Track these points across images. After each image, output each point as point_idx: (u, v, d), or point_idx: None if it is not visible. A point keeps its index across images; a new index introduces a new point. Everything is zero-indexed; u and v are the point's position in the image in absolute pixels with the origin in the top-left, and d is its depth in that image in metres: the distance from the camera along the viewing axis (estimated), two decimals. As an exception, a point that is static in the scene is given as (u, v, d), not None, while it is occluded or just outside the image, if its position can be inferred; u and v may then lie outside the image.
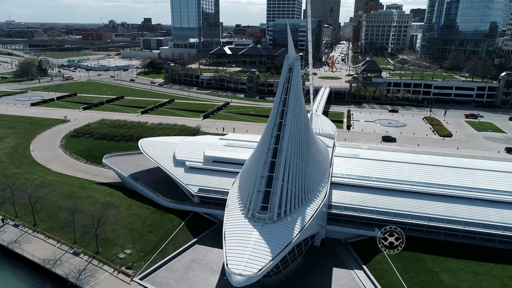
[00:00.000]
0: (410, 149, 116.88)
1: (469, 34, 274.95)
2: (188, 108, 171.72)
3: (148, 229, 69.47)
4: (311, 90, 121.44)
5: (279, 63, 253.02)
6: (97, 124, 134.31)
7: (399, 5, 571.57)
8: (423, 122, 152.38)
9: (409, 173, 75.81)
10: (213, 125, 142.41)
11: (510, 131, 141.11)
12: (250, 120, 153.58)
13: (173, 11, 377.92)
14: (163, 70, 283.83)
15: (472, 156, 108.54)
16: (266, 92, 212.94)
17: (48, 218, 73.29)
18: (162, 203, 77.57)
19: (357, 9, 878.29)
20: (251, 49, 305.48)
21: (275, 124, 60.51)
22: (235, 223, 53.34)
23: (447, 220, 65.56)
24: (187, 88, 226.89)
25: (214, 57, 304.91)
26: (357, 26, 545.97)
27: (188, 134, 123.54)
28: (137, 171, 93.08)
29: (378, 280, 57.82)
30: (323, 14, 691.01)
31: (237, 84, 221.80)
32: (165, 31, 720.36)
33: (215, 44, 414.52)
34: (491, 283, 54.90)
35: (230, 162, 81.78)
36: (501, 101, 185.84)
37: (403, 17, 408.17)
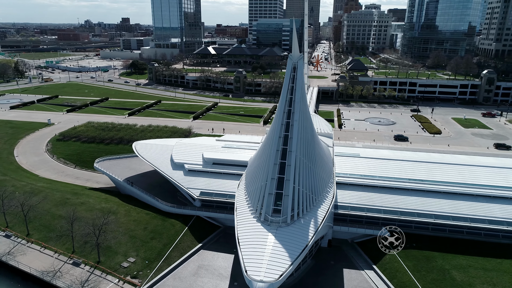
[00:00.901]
0: (404, 147, 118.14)
1: (449, 33, 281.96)
2: (177, 109, 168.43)
3: (150, 236, 66.91)
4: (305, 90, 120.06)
5: (265, 63, 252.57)
6: (83, 127, 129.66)
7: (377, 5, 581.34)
8: (411, 120, 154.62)
9: (411, 171, 76.08)
10: (204, 126, 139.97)
11: (496, 127, 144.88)
12: (241, 120, 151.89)
13: (154, 11, 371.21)
14: (146, 71, 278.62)
15: (463, 152, 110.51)
16: (253, 92, 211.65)
17: (42, 227, 69.57)
18: (163, 208, 75.03)
19: (336, 9, 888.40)
20: (236, 49, 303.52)
21: (282, 125, 59.17)
22: (248, 228, 51.77)
23: (453, 217, 66.00)
24: (172, 88, 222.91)
25: (198, 57, 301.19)
26: (337, 25, 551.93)
27: (180, 136, 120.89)
28: (131, 175, 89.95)
29: (390, 280, 57.47)
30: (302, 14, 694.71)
31: (224, 84, 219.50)
32: (144, 31, 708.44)
33: (197, 44, 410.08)
34: (501, 279, 55.41)
35: (231, 164, 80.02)
36: (483, 98, 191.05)
37: (383, 17, 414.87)
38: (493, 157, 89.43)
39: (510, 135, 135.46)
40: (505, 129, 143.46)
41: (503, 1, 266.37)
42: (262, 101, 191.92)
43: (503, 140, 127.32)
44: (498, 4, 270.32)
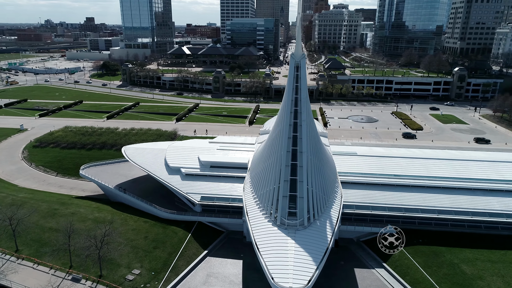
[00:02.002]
0: (391, 143, 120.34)
1: (418, 32, 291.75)
2: (157, 111, 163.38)
3: (152, 245, 63.67)
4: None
5: (243, 63, 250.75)
6: (61, 132, 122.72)
7: (345, 5, 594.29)
8: (392, 117, 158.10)
9: (410, 167, 77.16)
10: (189, 127, 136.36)
11: (471, 122, 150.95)
12: (225, 121, 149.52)
13: (123, 10, 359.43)
14: (119, 72, 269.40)
15: (448, 147, 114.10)
16: (233, 92, 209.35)
17: (33, 242, 64.52)
18: (162, 215, 71.77)
19: (305, 9, 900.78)
20: (211, 48, 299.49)
21: (290, 125, 57.91)
22: (265, 233, 50.12)
23: (455, 212, 67.37)
24: (149, 90, 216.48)
25: (173, 57, 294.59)
26: (308, 25, 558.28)
27: (166, 139, 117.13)
28: (122, 181, 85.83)
29: (402, 277, 57.69)
30: (273, 13, 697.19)
31: (202, 85, 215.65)
32: (110, 31, 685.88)
33: (169, 44, 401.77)
34: (508, 270, 56.96)
35: (229, 166, 77.95)
36: (455, 95, 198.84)
37: (353, 17, 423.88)
38: (483, 152, 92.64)
39: (485, 129, 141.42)
40: (480, 123, 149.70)
41: (466, 2, 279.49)
42: (243, 101, 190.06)
43: (481, 134, 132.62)
44: (461, 5, 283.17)
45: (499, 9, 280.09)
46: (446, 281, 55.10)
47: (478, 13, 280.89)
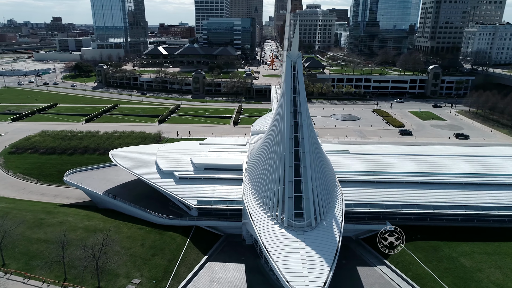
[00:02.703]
0: (376, 141, 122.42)
1: (392, 32, 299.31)
2: (138, 113, 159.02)
3: (151, 252, 61.39)
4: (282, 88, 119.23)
5: (222, 62, 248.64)
6: (38, 137, 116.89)
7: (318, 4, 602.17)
8: (374, 115, 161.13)
9: (403, 164, 78.28)
10: (173, 129, 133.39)
11: (449, 118, 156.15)
12: (209, 122, 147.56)
13: (94, 10, 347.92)
14: (92, 73, 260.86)
15: (430, 143, 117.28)
16: (213, 92, 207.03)
17: (21, 255, 60.67)
18: (157, 221, 69.40)
19: (278, 9, 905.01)
20: (188, 48, 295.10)
21: (291, 125, 57.29)
22: (273, 235, 49.23)
23: (449, 206, 69.01)
24: (126, 91, 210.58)
25: (149, 57, 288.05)
26: (283, 25, 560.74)
27: (151, 141, 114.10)
28: (110, 187, 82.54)
29: (405, 273, 58.36)
30: (247, 13, 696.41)
31: (182, 85, 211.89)
32: (79, 31, 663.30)
33: (143, 44, 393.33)
34: (504, 261, 58.81)
35: (224, 168, 76.45)
36: (430, 92, 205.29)
37: (327, 16, 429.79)
38: (469, 147, 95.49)
39: (462, 124, 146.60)
40: (457, 119, 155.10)
41: (435, 2, 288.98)
42: (225, 101, 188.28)
43: (458, 130, 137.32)
44: (431, 5, 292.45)
45: (465, 9, 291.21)
46: (448, 275, 56.19)
47: (447, 13, 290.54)
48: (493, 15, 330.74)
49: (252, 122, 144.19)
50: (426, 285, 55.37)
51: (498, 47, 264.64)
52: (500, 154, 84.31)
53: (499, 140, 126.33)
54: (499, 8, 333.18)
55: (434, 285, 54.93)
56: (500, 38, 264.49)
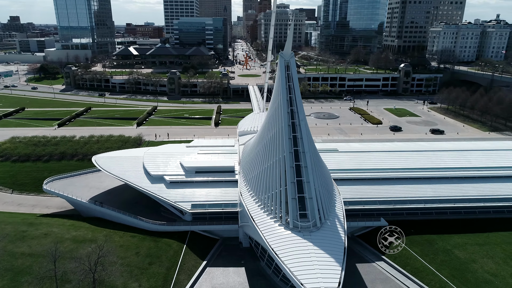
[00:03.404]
0: (358, 138, 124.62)
1: (362, 31, 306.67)
2: (113, 116, 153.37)
3: (147, 261, 59.02)
4: (265, 89, 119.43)
5: (196, 63, 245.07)
6: (9, 144, 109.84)
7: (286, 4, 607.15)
8: (351, 113, 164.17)
9: (391, 161, 79.89)
10: (152, 132, 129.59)
11: (422, 114, 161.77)
12: (189, 123, 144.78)
13: (58, 9, 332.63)
14: (59, 75, 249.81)
15: (409, 138, 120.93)
16: (189, 93, 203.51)
17: (5, 271, 56.30)
18: (151, 227, 66.94)
19: (246, 8, 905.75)
20: (160, 49, 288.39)
21: (289, 126, 56.88)
22: (279, 237, 48.53)
23: (438, 200, 71.18)
24: (97, 94, 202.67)
25: (119, 58, 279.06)
26: (253, 24, 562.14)
27: (132, 145, 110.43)
28: (95, 194, 78.93)
29: (403, 268, 59.50)
30: (216, 13, 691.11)
31: (156, 87, 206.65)
32: (39, 31, 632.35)
33: (110, 44, 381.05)
34: (495, 251, 61.30)
35: (215, 170, 75.03)
36: (402, 89, 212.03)
37: (297, 16, 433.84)
38: (449, 142, 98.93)
39: (436, 120, 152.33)
40: (430, 115, 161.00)
41: (401, 3, 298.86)
42: (202, 102, 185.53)
43: (433, 126, 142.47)
44: (397, 5, 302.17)
45: (428, 9, 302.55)
46: (445, 267, 57.80)
47: (412, 13, 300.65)
48: (454, 15, 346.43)
49: (233, 123, 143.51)
50: (425, 278, 56.71)
51: (461, 46, 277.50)
52: (479, 148, 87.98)
53: (471, 134, 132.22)
54: (460, 9, 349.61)
55: (433, 278, 56.35)
56: (462, 37, 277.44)
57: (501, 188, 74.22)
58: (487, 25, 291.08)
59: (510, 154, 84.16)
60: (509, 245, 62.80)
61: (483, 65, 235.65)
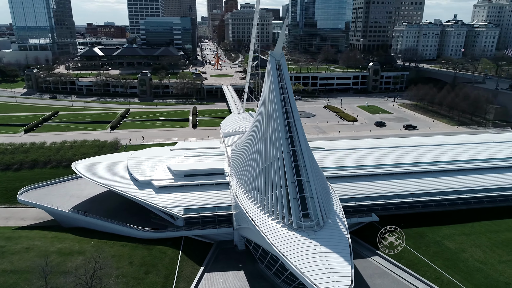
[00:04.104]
0: (337, 136, 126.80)
1: (329, 31, 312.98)
2: (83, 120, 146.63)
3: (142, 270, 56.62)
4: (246, 89, 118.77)
5: (166, 63, 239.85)
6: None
7: (251, 4, 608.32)
8: (326, 111, 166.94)
9: (375, 157, 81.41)
10: (128, 135, 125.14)
11: (394, 111, 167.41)
12: (166, 125, 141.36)
13: (13, 8, 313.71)
14: (19, 78, 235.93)
15: (385, 135, 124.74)
16: (162, 94, 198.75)
17: (-14, 291, 52.26)
18: (142, 235, 64.37)
19: (211, 8, 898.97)
20: (127, 49, 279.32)
21: (284, 125, 56.61)
22: (284, 239, 48.05)
23: (424, 194, 73.62)
24: (63, 97, 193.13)
25: (83, 59, 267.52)
26: (220, 24, 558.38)
27: (109, 150, 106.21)
28: (77, 203, 75.00)
29: (399, 261, 60.94)
30: (181, 12, 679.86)
31: (126, 89, 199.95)
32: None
33: (72, 45, 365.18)
34: (481, 240, 64.19)
35: (205, 173, 73.42)
36: (372, 87, 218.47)
37: (264, 16, 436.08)
38: (427, 137, 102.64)
39: (407, 116, 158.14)
40: (401, 112, 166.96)
41: (365, 3, 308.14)
42: (176, 104, 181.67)
43: (405, 122, 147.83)
44: (361, 5, 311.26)
45: (390, 10, 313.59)
46: (438, 258, 59.82)
47: (375, 13, 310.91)
48: (414, 15, 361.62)
49: (211, 124, 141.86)
50: (421, 270, 58.43)
51: (423, 44, 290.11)
52: (456, 142, 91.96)
53: (441, 129, 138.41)
54: (419, 9, 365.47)
55: (428, 269, 58.16)
56: (424, 36, 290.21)
57: (480, 179, 77.93)
58: (446, 24, 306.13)
59: (484, 147, 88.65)
60: (493, 234, 66.03)
61: (444, 63, 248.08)
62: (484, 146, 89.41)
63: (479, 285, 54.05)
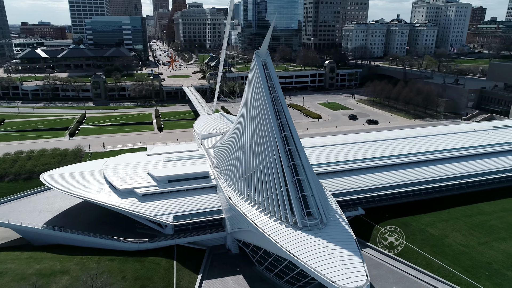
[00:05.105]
0: (307, 133, 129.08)
1: (283, 30, 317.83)
2: (35, 128, 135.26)
3: (138, 284, 53.26)
4: (217, 89, 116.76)
5: (120, 65, 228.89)
6: None
7: (199, 3, 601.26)
8: (290, 109, 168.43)
9: (352, 153, 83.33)
10: (90, 142, 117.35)
11: (353, 107, 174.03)
12: (130, 130, 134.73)
13: None
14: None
15: (351, 130, 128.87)
16: (118, 97, 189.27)
17: (-40, 326, 46.08)
18: (131, 247, 60.60)
19: (157, 7, 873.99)
20: (74, 50, 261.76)
21: (278, 125, 56.27)
22: (292, 239, 47.59)
23: (404, 185, 77.03)
24: (6, 103, 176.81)
25: (25, 62, 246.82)
26: (169, 23, 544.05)
27: (74, 158, 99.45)
28: (48, 218, 69.10)
29: (390, 251, 63.29)
30: (126, 11, 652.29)
31: (78, 92, 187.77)
32: None
33: (7, 46, 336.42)
34: (459, 225, 68.57)
35: (189, 178, 70.84)
36: (329, 84, 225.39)
37: (215, 15, 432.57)
38: (393, 131, 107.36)
39: (367, 112, 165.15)
40: (360, 108, 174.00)
41: (314, 3, 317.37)
42: (135, 107, 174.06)
43: (366, 117, 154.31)
44: (311, 5, 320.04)
45: (336, 9, 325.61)
46: (426, 245, 62.95)
47: (324, 12, 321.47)
48: (360, 14, 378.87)
49: (178, 127, 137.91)
50: (411, 258, 61.13)
51: (371, 43, 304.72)
52: (421, 134, 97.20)
53: (400, 122, 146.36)
54: (364, 9, 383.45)
55: (418, 257, 61.01)
56: (372, 35, 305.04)
57: (448, 168, 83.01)
58: (391, 24, 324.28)
59: (447, 138, 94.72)
60: (468, 218, 70.84)
61: (392, 60, 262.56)
62: (447, 137, 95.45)
63: (466, 267, 57.64)
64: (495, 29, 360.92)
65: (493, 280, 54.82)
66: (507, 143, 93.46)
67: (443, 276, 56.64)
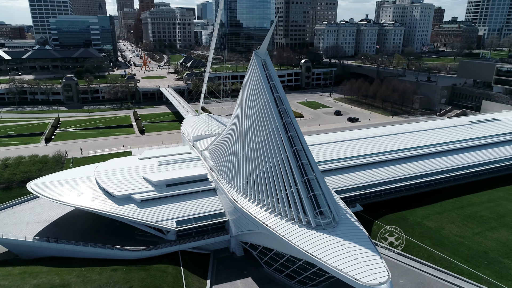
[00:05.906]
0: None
1: (255, 30, 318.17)
2: (6, 134, 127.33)
3: (147, 294, 51.32)
4: (204, 90, 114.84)
5: (91, 66, 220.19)
6: None
7: (167, 3, 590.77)
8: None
9: (344, 150, 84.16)
10: (70, 147, 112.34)
11: (332, 105, 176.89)
12: (110, 133, 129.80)
13: None
14: None
15: (333, 128, 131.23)
16: (91, 100, 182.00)
17: None
18: (135, 256, 58.20)
19: (121, 6, 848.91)
20: (39, 51, 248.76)
21: (283, 125, 55.99)
22: (309, 239, 47.28)
23: (396, 180, 78.93)
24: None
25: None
26: (137, 23, 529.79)
27: (55, 165, 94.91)
28: (38, 229, 65.27)
29: (391, 246, 64.68)
30: (89, 11, 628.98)
31: (48, 95, 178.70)
32: None
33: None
34: (453, 217, 71.32)
35: (188, 181, 69.10)
36: (305, 84, 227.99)
37: (185, 15, 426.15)
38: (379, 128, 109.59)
39: (346, 110, 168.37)
40: (339, 106, 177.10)
41: (285, 3, 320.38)
42: (111, 109, 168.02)
43: (346, 115, 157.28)
44: (281, 5, 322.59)
45: (306, 9, 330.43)
46: (425, 238, 64.92)
47: (294, 12, 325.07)
48: (329, 14, 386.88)
49: (160, 129, 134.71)
50: (413, 251, 62.79)
51: (343, 42, 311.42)
52: (406, 130, 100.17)
53: (379, 119, 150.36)
54: (333, 9, 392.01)
55: (419, 250, 62.78)
56: (343, 34, 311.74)
57: (435, 163, 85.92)
58: (360, 24, 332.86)
59: (430, 134, 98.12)
60: (460, 210, 73.81)
61: (364, 59, 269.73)
62: (430, 132, 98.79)
63: (465, 257, 59.95)
64: (456, 28, 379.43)
65: (492, 268, 57.33)
66: (485, 137, 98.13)
67: (446, 267, 58.59)
